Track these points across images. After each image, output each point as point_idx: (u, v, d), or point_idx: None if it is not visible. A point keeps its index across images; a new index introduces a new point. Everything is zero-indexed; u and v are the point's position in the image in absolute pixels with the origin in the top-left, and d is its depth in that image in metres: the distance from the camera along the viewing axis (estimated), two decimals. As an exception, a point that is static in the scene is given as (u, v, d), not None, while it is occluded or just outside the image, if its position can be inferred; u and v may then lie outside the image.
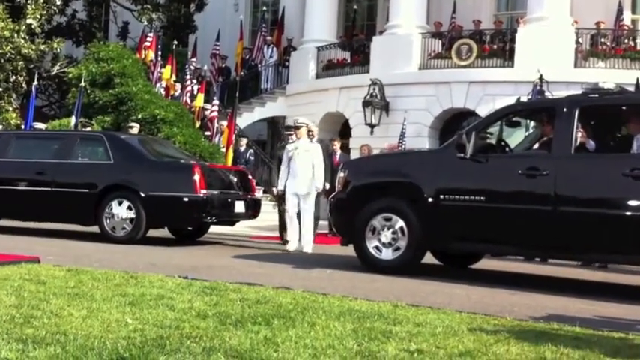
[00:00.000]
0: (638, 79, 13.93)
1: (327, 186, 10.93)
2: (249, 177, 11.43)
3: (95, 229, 10.15)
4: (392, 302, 5.43)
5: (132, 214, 9.75)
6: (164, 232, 11.02)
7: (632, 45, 16.76)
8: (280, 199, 10.75)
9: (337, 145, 12.51)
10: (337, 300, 5.46)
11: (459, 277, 7.60)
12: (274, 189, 10.66)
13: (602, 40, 16.76)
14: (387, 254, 7.69)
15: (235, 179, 10.83)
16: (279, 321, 4.48)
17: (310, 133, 10.47)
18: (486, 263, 8.98)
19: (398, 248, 7.65)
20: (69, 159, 10.37)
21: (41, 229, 11.00)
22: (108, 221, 9.84)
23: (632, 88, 11.58)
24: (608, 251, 6.96)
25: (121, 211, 9.78)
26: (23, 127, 16.48)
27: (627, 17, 18.23)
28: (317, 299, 5.43)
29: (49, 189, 10.22)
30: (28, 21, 18.93)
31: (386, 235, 7.68)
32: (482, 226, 7.34)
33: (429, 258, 8.20)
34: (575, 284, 7.98)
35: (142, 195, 9.69)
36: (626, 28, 17.72)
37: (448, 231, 7.49)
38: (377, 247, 7.73)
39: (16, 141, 11.09)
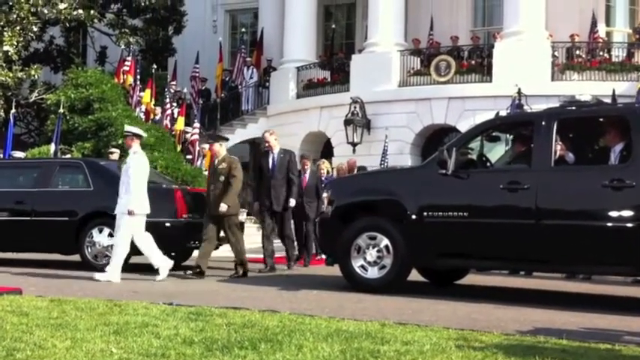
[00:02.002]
0: (614, 90, 14.14)
1: (293, 202, 10.58)
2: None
3: (77, 257, 10.02)
4: (379, 321, 5.41)
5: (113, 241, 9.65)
6: (147, 259, 10.90)
7: (607, 57, 17.00)
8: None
9: (308, 164, 12.14)
10: (324, 321, 5.43)
11: (445, 293, 7.60)
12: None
13: (578, 52, 16.99)
14: (373, 273, 7.67)
15: None
16: (267, 345, 4.44)
17: (267, 145, 10.33)
18: (472, 279, 8.99)
19: (383, 267, 7.63)
20: (48, 187, 10.27)
21: (22, 259, 10.85)
22: (89, 249, 9.74)
23: (608, 100, 11.72)
24: (592, 263, 7.01)
25: (102, 238, 9.68)
26: (1, 155, 16.32)
27: (602, 29, 18.51)
28: (304, 321, 5.40)
29: (29, 218, 10.10)
30: (5, 48, 18.83)
31: (371, 254, 7.67)
32: (466, 241, 7.36)
33: (414, 275, 8.19)
34: (561, 297, 8.01)
35: (124, 221, 9.58)
36: (600, 40, 17.98)
37: (433, 248, 7.50)
38: (362, 267, 7.71)
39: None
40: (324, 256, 10.89)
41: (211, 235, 9.26)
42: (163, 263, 8.84)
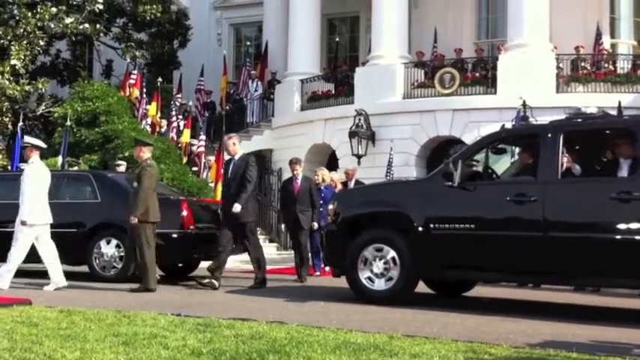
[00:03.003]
0: (619, 102, 14.15)
1: (238, 208, 9.58)
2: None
3: (85, 268, 10.05)
4: (387, 333, 5.41)
5: (121, 252, 9.71)
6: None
7: (613, 69, 17.01)
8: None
9: (298, 169, 11.84)
10: (332, 333, 5.43)
11: (453, 305, 7.59)
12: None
13: (583, 64, 17.02)
14: (380, 285, 7.67)
15: None
16: (275, 356, 4.45)
17: (228, 151, 9.86)
18: (479, 291, 8.98)
19: (390, 278, 7.63)
20: (56, 199, 10.28)
21: (30, 270, 10.87)
22: (97, 260, 9.80)
23: (614, 112, 11.73)
24: (600, 275, 7.00)
25: (110, 249, 9.76)
26: (9, 168, 16.39)
27: (606, 41, 18.54)
28: (312, 333, 5.40)
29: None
30: (12, 62, 18.95)
31: (378, 266, 7.67)
32: (473, 253, 7.36)
33: (422, 287, 8.18)
34: (570, 309, 7.99)
35: (131, 232, 9.64)
36: (605, 52, 18.00)
37: (439, 259, 7.50)
38: (369, 278, 7.71)
39: (2, 182, 11.02)
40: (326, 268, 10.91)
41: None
42: (59, 280, 8.70)
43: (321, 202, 11.66)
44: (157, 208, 8.93)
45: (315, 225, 11.36)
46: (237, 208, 9.17)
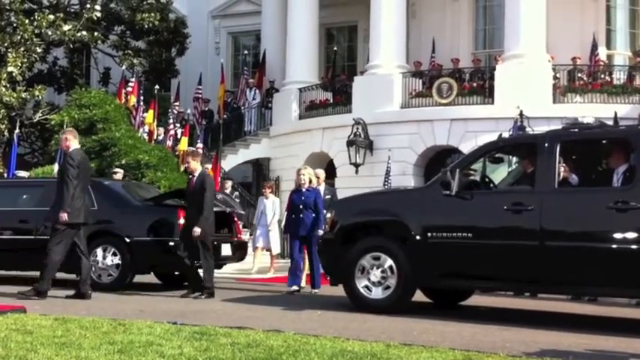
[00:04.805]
0: (615, 112, 14.20)
1: (197, 232, 9.26)
2: (235, 219, 11.38)
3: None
4: (384, 342, 5.40)
5: (117, 260, 9.69)
6: (151, 278, 10.90)
7: (609, 79, 17.10)
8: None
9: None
10: (329, 341, 5.41)
11: (450, 314, 7.58)
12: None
13: (579, 75, 17.09)
14: (377, 293, 7.66)
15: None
16: (272, 365, 4.43)
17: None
18: (477, 299, 8.96)
19: (388, 287, 7.62)
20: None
21: (26, 277, 10.83)
22: (93, 268, 9.73)
23: (610, 122, 11.77)
24: (597, 284, 7.00)
25: (106, 257, 9.72)
26: (5, 175, 16.36)
27: (602, 52, 18.62)
28: (308, 341, 5.38)
29: (32, 237, 10.11)
30: (9, 69, 18.95)
31: (375, 275, 7.66)
32: (470, 262, 7.35)
33: (419, 296, 8.17)
34: (566, 318, 7.98)
35: (127, 240, 9.65)
36: (601, 63, 18.09)
37: (437, 268, 7.50)
38: (367, 287, 7.70)
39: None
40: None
41: None
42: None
43: (301, 206, 10.05)
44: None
45: (320, 232, 10.81)
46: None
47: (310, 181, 10.27)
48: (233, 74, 24.87)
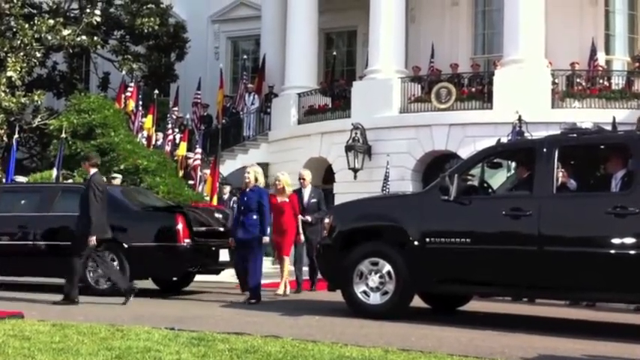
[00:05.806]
0: (614, 118, 14.21)
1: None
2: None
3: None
4: (382, 347, 5.39)
5: (115, 266, 9.65)
6: (149, 283, 10.89)
7: (607, 85, 17.11)
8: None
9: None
10: (327, 347, 5.41)
11: (448, 319, 7.57)
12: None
13: (578, 80, 17.11)
14: (375, 299, 7.65)
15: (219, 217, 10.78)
16: (269, 371, 4.43)
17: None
18: (474, 305, 8.96)
19: (386, 292, 7.62)
20: (50, 211, 10.28)
21: (23, 283, 10.83)
22: (91, 274, 9.73)
23: (608, 127, 11.78)
24: (595, 290, 7.00)
25: (103, 262, 9.66)
26: (4, 180, 16.34)
27: (601, 58, 18.65)
28: (306, 347, 5.38)
29: (31, 242, 10.11)
30: (8, 74, 18.94)
31: (373, 280, 7.66)
32: (468, 267, 7.35)
33: (417, 301, 8.16)
34: (564, 324, 7.98)
35: (125, 246, 9.63)
36: (600, 68, 18.11)
37: (435, 273, 7.49)
38: (365, 292, 7.70)
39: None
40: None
41: None
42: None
43: (242, 207, 9.27)
44: None
45: (266, 238, 9.55)
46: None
47: (256, 180, 9.24)
48: (232, 79, 24.89)
